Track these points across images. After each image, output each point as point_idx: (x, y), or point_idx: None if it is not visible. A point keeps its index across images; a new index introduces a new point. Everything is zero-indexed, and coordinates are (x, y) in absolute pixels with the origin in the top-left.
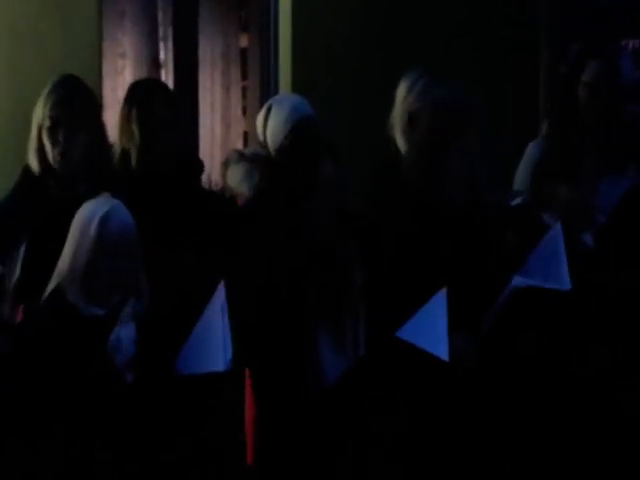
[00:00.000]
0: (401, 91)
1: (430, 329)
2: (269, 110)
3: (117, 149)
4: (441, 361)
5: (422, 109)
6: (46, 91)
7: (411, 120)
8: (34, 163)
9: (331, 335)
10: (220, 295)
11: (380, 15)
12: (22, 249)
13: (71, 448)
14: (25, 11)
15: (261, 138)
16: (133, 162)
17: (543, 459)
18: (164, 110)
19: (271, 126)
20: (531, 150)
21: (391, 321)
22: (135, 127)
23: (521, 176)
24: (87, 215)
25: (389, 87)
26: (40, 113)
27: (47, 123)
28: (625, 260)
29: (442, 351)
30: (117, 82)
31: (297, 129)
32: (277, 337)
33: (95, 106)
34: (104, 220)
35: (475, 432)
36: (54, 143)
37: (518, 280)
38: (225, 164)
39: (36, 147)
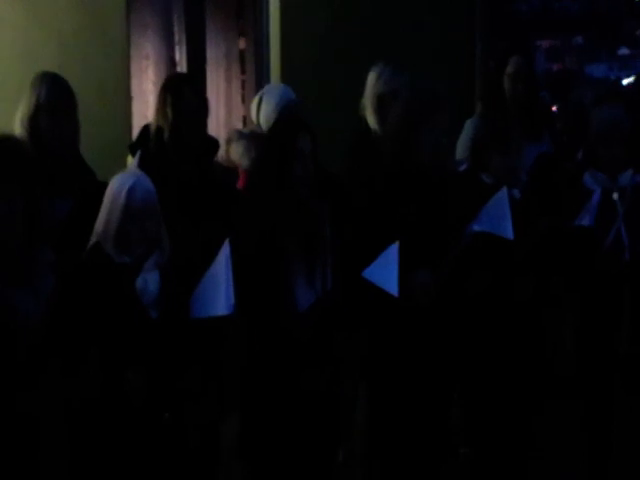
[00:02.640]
0: (371, 78)
1: (385, 272)
2: (261, 98)
3: (153, 127)
4: (393, 296)
5: (392, 93)
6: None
7: (381, 102)
8: None
9: (303, 274)
10: (225, 250)
11: (348, 26)
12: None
13: (106, 371)
14: (70, 24)
15: (255, 121)
16: (165, 137)
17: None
18: (191, 97)
19: (263, 110)
20: (468, 126)
21: (357, 262)
22: (169, 109)
23: (461, 146)
24: (117, 186)
25: (355, 78)
26: None
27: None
28: (541, 208)
29: (393, 288)
30: (142, 78)
31: (284, 112)
32: (261, 276)
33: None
34: (131, 191)
35: (428, 349)
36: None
37: (476, 226)
38: (227, 142)
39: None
